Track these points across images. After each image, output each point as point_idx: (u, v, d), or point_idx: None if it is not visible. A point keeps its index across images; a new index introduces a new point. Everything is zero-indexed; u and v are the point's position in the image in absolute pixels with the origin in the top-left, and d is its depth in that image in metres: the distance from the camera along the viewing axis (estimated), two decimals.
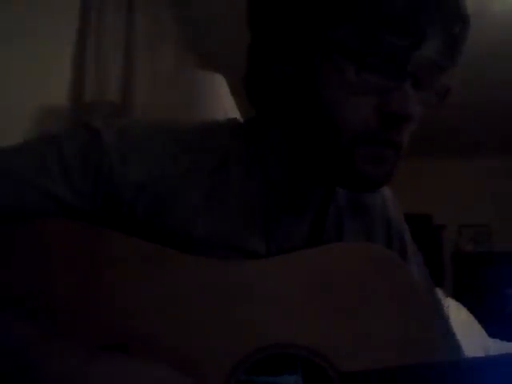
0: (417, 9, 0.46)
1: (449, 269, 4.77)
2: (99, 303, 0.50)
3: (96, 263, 0.52)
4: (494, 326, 2.41)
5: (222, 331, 0.52)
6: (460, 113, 3.29)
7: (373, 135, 0.50)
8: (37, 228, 0.52)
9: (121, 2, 1.81)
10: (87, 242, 0.53)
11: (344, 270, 0.57)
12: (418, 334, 0.57)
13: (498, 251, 4.65)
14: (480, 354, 0.68)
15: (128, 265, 0.52)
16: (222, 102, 1.51)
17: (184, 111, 1.46)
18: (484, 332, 2.25)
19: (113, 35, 1.72)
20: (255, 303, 0.53)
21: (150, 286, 0.52)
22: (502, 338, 2.16)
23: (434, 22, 0.48)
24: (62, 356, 0.44)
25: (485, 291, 4.23)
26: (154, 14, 2.07)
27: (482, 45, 2.58)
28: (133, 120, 0.63)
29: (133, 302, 0.51)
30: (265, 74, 0.56)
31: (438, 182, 4.76)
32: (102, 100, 1.61)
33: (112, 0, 1.73)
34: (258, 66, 0.57)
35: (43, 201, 0.52)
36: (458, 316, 2.09)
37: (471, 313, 2.34)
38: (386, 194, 0.70)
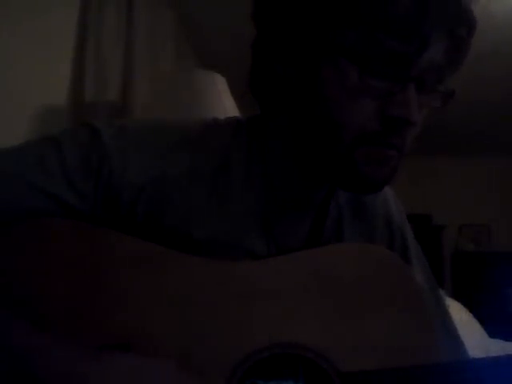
0: (421, 14, 0.45)
1: (449, 269, 4.77)
2: (100, 303, 0.50)
3: (96, 263, 0.52)
4: (494, 325, 2.41)
5: (222, 331, 0.52)
6: (460, 113, 3.29)
7: (374, 137, 0.50)
8: (37, 228, 0.52)
9: (121, 2, 1.80)
10: (87, 242, 0.53)
11: (344, 271, 0.57)
12: (418, 335, 0.57)
13: (498, 251, 4.65)
14: (480, 354, 0.68)
15: (129, 265, 0.52)
16: (222, 102, 1.50)
17: (184, 111, 1.46)
18: (484, 332, 2.24)
19: (113, 35, 1.72)
20: (255, 304, 0.53)
21: (150, 285, 0.52)
22: (502, 338, 2.15)
23: (438, 27, 0.47)
24: (64, 355, 0.44)
25: (485, 291, 4.23)
26: (154, 13, 2.07)
27: (482, 45, 2.57)
28: (133, 120, 0.63)
29: (134, 302, 0.51)
30: (268, 72, 0.56)
31: (438, 182, 4.77)
32: (102, 100, 1.61)
33: (112, 0, 1.73)
34: (261, 64, 0.57)
35: (45, 202, 0.52)
36: (458, 316, 2.09)
37: (471, 313, 2.34)
38: (388, 193, 0.70)
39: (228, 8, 2.27)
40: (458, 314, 2.13)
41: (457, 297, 2.59)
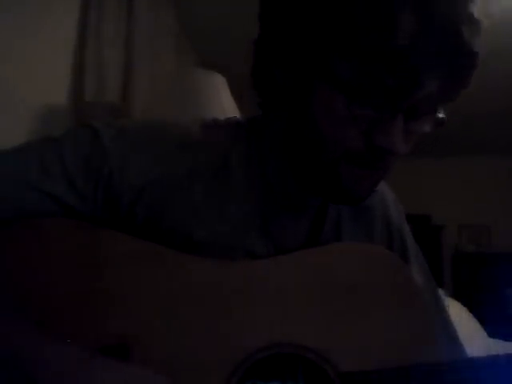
0: (419, 51, 0.44)
1: (449, 269, 4.77)
2: (99, 303, 0.50)
3: (96, 263, 0.52)
4: (494, 326, 2.41)
5: (222, 331, 0.52)
6: (460, 113, 3.29)
7: (357, 157, 0.50)
8: (37, 228, 0.52)
9: (121, 2, 1.80)
10: (87, 241, 0.53)
11: (344, 271, 0.57)
12: (418, 335, 0.57)
13: (498, 251, 4.65)
14: (480, 354, 0.68)
15: (128, 264, 0.52)
16: (222, 102, 1.51)
17: (184, 111, 1.46)
18: (484, 332, 2.24)
19: (113, 35, 1.72)
20: (256, 304, 0.53)
21: (150, 285, 0.52)
22: (502, 339, 2.15)
23: (437, 64, 0.46)
24: (63, 356, 0.45)
25: (485, 291, 4.23)
26: (154, 13, 2.07)
27: (481, 46, 2.57)
28: (133, 120, 0.63)
29: (133, 302, 0.51)
30: (268, 75, 0.56)
31: (438, 182, 4.76)
32: (102, 100, 1.61)
33: (112, 0, 1.73)
34: (262, 65, 0.57)
35: (45, 202, 0.52)
36: (458, 316, 2.09)
37: (471, 313, 2.34)
38: (386, 194, 0.70)
39: (228, 8, 2.27)
40: (458, 314, 2.13)
41: (457, 297, 2.59)
